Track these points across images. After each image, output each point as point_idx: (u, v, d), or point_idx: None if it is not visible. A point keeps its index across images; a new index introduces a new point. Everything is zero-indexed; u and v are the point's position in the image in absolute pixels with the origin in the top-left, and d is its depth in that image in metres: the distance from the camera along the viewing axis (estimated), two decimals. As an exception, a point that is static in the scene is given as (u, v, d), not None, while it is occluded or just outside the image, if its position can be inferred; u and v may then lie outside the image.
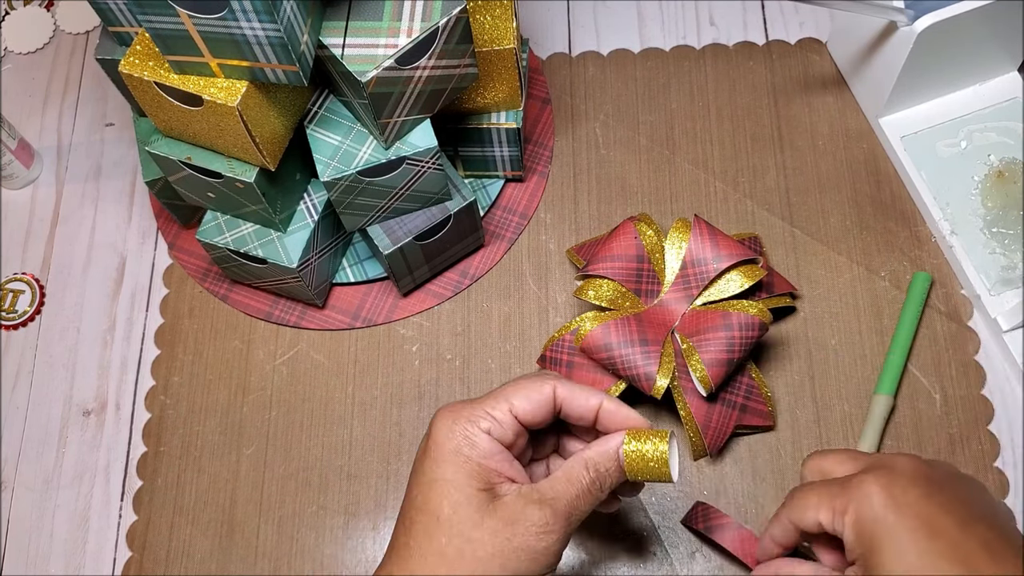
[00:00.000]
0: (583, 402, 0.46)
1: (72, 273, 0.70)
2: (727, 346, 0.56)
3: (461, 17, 0.52)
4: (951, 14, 0.60)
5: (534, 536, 0.43)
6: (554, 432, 0.51)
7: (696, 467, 0.61)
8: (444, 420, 0.45)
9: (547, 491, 0.44)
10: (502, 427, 0.45)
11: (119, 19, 0.55)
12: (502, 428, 0.45)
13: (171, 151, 0.56)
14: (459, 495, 0.43)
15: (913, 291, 0.64)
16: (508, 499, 0.43)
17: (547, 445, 0.51)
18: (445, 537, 0.43)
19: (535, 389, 0.46)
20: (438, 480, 0.44)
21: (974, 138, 0.68)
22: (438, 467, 0.44)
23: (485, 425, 0.44)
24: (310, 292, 0.64)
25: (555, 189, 0.70)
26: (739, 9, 0.76)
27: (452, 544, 0.43)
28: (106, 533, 0.63)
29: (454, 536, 0.43)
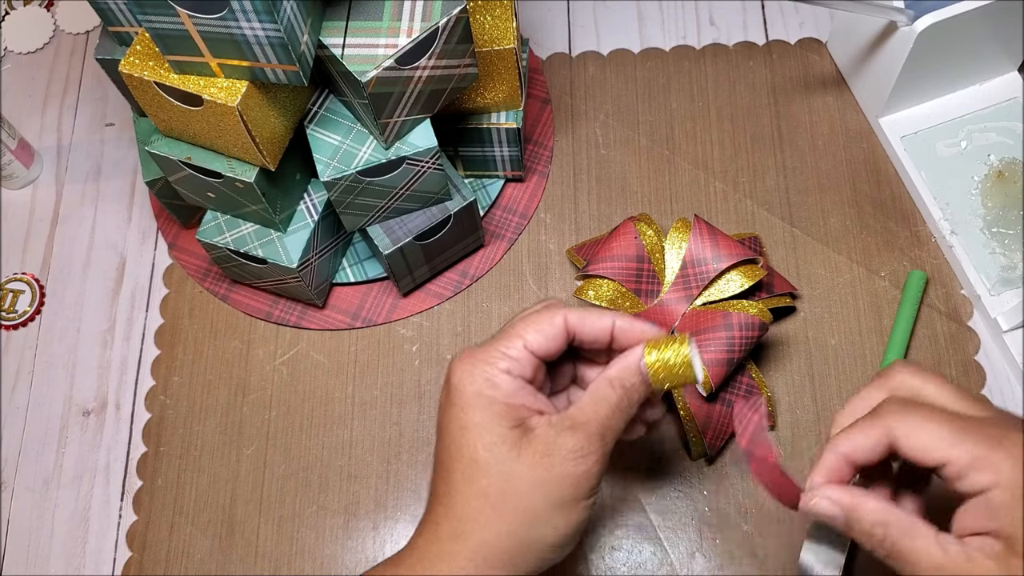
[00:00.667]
0: (596, 325, 0.46)
1: (72, 273, 0.70)
2: (727, 346, 0.56)
3: (461, 17, 0.52)
4: (951, 14, 0.60)
5: (571, 462, 0.42)
6: (570, 362, 0.50)
7: (696, 467, 0.61)
8: (462, 366, 0.44)
9: (577, 416, 0.44)
10: (520, 364, 0.44)
11: (119, 19, 0.55)
12: (520, 365, 0.44)
13: (171, 151, 0.56)
14: (491, 436, 0.43)
15: (909, 290, 0.64)
16: (540, 431, 0.43)
17: (564, 376, 0.50)
18: (485, 479, 0.43)
19: (546, 321, 0.45)
20: (467, 426, 0.43)
21: (974, 138, 0.68)
22: (464, 413, 0.44)
23: (503, 365, 0.44)
24: (310, 292, 0.64)
25: (555, 189, 0.70)
26: (739, 9, 0.76)
27: (493, 484, 0.42)
28: (106, 533, 0.63)
29: (494, 476, 0.42)
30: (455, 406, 0.44)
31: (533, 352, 0.45)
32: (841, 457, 0.43)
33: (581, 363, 0.50)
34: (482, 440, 0.43)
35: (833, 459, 0.43)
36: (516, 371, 0.44)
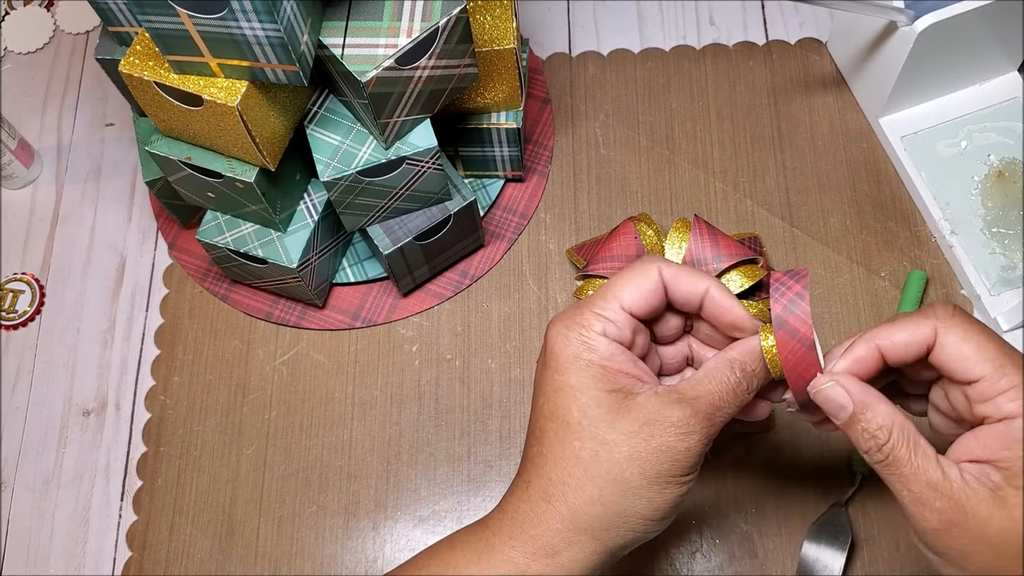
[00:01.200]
0: (688, 286, 0.43)
1: (72, 273, 0.70)
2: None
3: (461, 17, 0.52)
4: (951, 14, 0.60)
5: (673, 436, 0.40)
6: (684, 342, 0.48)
7: (696, 467, 0.61)
8: (557, 329, 0.43)
9: (688, 390, 0.42)
10: (617, 326, 0.42)
11: (119, 19, 0.55)
12: (617, 327, 0.42)
13: (171, 151, 0.56)
14: (586, 398, 0.41)
15: (908, 290, 0.64)
16: (643, 399, 0.41)
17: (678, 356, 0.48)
18: (578, 441, 0.41)
19: (641, 276, 0.43)
20: (562, 387, 0.42)
21: (974, 138, 0.68)
22: (560, 375, 0.42)
23: (599, 327, 0.42)
24: (310, 292, 0.64)
25: (555, 189, 0.70)
26: (739, 9, 0.76)
27: (586, 447, 0.41)
28: (106, 533, 0.63)
29: (587, 439, 0.41)
30: (549, 368, 0.42)
31: (630, 311, 0.43)
32: (875, 349, 0.41)
33: (697, 343, 0.48)
34: (576, 402, 0.41)
35: (865, 350, 0.41)
36: (613, 333, 0.42)
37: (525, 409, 0.64)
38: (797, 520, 0.59)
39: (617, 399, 0.41)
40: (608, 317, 0.42)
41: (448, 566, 0.42)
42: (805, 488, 0.60)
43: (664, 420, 0.40)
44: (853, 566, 0.58)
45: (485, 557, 0.42)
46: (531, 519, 0.42)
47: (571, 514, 0.41)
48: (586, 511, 0.41)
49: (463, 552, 0.43)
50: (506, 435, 0.63)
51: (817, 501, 0.60)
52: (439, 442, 0.63)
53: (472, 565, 0.42)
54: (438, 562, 0.43)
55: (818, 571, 0.57)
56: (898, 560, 0.58)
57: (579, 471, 0.41)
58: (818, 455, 0.61)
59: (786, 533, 0.59)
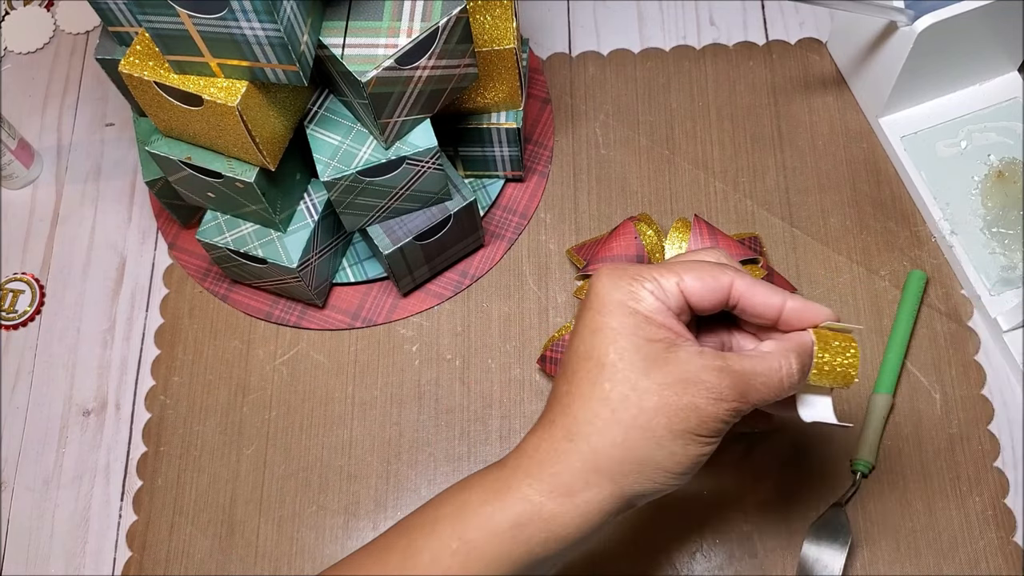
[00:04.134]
0: (765, 301, 0.43)
1: (72, 273, 0.70)
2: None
3: (461, 17, 0.52)
4: (951, 14, 0.60)
5: (705, 399, 0.40)
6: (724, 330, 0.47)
7: (696, 467, 0.61)
8: (607, 275, 0.42)
9: (733, 362, 0.41)
10: (668, 296, 0.42)
11: (119, 19, 0.55)
12: (666, 296, 0.42)
13: (171, 151, 0.56)
14: (625, 342, 0.41)
15: (908, 289, 0.64)
16: (684, 355, 0.41)
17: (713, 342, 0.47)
18: (609, 383, 0.41)
19: (712, 275, 0.42)
20: (601, 328, 0.41)
21: (974, 138, 0.68)
22: (602, 316, 0.41)
23: (650, 286, 0.42)
24: (310, 292, 0.64)
25: (555, 189, 0.70)
26: (739, 9, 0.76)
27: (616, 389, 0.40)
28: (106, 533, 0.63)
29: (618, 382, 0.40)
30: (592, 309, 0.42)
31: (686, 294, 0.42)
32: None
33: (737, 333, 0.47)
34: (615, 344, 0.41)
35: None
36: (660, 297, 0.42)
37: (525, 409, 0.64)
38: (797, 520, 0.59)
39: (657, 349, 0.41)
40: (662, 284, 0.42)
41: (463, 507, 0.42)
42: (805, 488, 0.60)
43: (701, 382, 0.40)
44: (853, 566, 0.58)
45: (500, 496, 0.41)
46: (551, 457, 0.41)
47: (593, 455, 0.40)
48: (608, 453, 0.40)
49: (478, 491, 0.42)
50: (506, 435, 0.63)
51: (817, 501, 0.60)
52: (439, 442, 0.63)
53: (486, 504, 0.41)
54: (451, 503, 0.43)
55: (818, 571, 0.57)
56: (898, 560, 0.58)
57: (606, 412, 0.40)
58: (818, 455, 0.61)
59: (786, 533, 0.59)
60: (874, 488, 0.60)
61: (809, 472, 0.61)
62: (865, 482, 0.60)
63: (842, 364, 0.44)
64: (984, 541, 0.58)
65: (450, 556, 0.41)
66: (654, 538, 0.60)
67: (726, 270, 0.43)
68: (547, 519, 0.41)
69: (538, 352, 0.65)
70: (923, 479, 0.60)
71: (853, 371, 0.44)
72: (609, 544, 0.60)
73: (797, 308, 0.43)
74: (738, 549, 0.59)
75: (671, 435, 0.40)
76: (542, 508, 0.41)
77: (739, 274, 0.43)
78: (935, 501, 0.60)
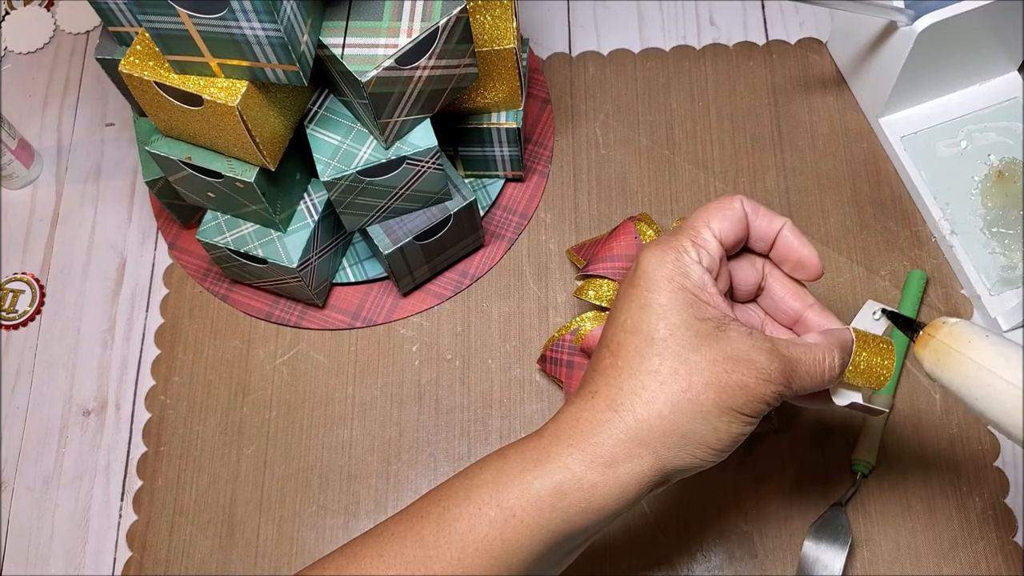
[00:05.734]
0: (765, 222, 0.46)
1: (72, 273, 0.70)
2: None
3: (461, 17, 0.52)
4: (951, 14, 0.60)
5: (754, 379, 0.41)
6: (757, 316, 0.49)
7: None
8: (653, 252, 0.43)
9: (781, 348, 0.42)
10: (710, 253, 0.43)
11: (119, 19, 0.55)
12: (710, 255, 0.43)
13: (171, 151, 0.56)
14: (676, 319, 0.41)
15: (908, 289, 0.64)
16: (735, 335, 0.42)
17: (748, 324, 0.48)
18: (659, 357, 0.41)
19: (727, 206, 0.45)
20: (650, 304, 0.42)
21: (974, 138, 0.68)
22: (650, 293, 0.42)
23: (694, 254, 0.43)
24: (310, 292, 0.64)
25: (555, 189, 0.70)
26: (739, 9, 0.76)
27: (667, 363, 0.41)
28: (106, 533, 0.63)
29: (669, 357, 0.41)
30: (639, 286, 0.43)
31: (719, 239, 0.44)
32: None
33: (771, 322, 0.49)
34: (666, 320, 0.41)
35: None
36: (706, 261, 0.43)
37: (525, 409, 0.64)
38: (797, 520, 0.59)
39: (708, 327, 0.42)
40: (702, 244, 0.43)
41: (500, 473, 0.42)
42: (805, 488, 0.60)
43: (751, 361, 0.41)
44: (853, 566, 0.58)
45: (540, 464, 0.41)
46: (593, 427, 0.41)
47: (637, 425, 0.41)
48: (652, 424, 0.41)
49: (516, 460, 0.42)
50: (506, 435, 0.63)
51: (817, 501, 0.60)
52: (439, 442, 0.63)
53: (526, 472, 0.41)
54: (488, 471, 0.42)
55: (818, 571, 0.57)
56: (898, 560, 0.58)
57: (654, 385, 0.41)
58: (818, 455, 0.61)
59: (786, 533, 0.59)
60: (874, 488, 0.60)
61: (809, 472, 0.61)
62: (865, 482, 0.60)
63: (879, 364, 0.45)
64: (984, 541, 0.59)
65: (488, 524, 0.41)
66: (654, 538, 0.60)
67: (733, 196, 0.45)
68: (587, 489, 0.41)
69: (538, 352, 0.65)
70: (923, 479, 0.60)
71: (887, 372, 0.45)
72: (609, 544, 0.60)
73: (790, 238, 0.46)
74: (738, 549, 0.59)
75: (718, 411, 0.41)
76: (583, 478, 0.41)
77: (743, 196, 0.46)
78: (935, 501, 0.60)
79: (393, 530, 0.43)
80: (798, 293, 0.48)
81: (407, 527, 0.42)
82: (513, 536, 0.41)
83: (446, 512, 0.42)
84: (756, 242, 0.46)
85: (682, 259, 0.43)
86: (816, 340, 0.44)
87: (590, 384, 0.43)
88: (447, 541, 0.41)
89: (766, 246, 0.47)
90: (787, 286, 0.48)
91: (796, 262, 0.46)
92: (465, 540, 0.41)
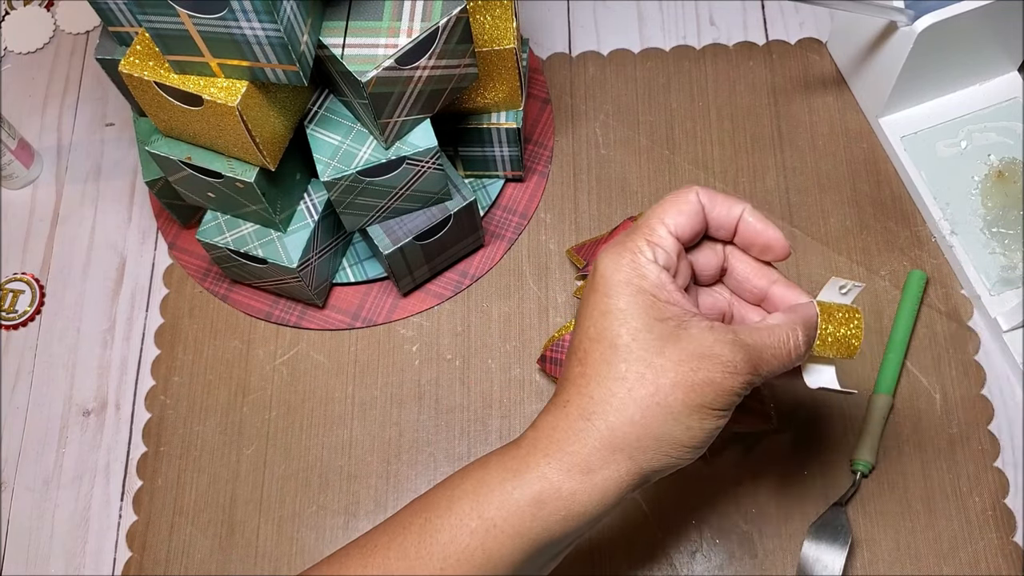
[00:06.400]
0: (724, 210, 0.45)
1: (72, 273, 0.70)
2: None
3: (461, 17, 0.52)
4: (951, 14, 0.60)
5: (720, 373, 0.41)
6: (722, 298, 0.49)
7: (695, 467, 0.61)
8: (608, 256, 0.43)
9: (744, 336, 0.42)
10: (666, 251, 0.43)
11: (119, 19, 0.55)
12: (666, 252, 0.43)
13: (171, 151, 0.56)
14: (637, 323, 0.41)
15: (908, 289, 0.64)
16: (696, 331, 0.42)
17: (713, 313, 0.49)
18: (624, 364, 0.41)
19: (682, 200, 0.44)
20: (610, 310, 0.42)
21: (974, 138, 0.68)
22: (608, 299, 0.42)
23: (650, 254, 0.43)
24: (310, 292, 0.64)
25: (555, 189, 0.70)
26: (739, 9, 0.76)
27: (632, 369, 0.41)
28: (106, 533, 0.63)
29: (634, 362, 0.41)
30: (598, 292, 0.43)
31: (675, 235, 0.44)
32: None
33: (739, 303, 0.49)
34: (627, 325, 0.42)
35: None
36: (662, 259, 0.43)
37: (525, 409, 0.64)
38: (797, 520, 0.59)
39: (668, 327, 0.42)
40: (656, 242, 0.43)
41: (481, 484, 0.42)
42: (805, 488, 0.60)
43: (715, 356, 0.41)
44: (853, 566, 0.58)
45: (519, 474, 0.42)
46: (568, 437, 0.41)
47: (610, 433, 0.41)
48: (626, 431, 0.41)
49: (496, 470, 0.42)
50: (506, 435, 0.63)
51: (817, 501, 0.60)
52: (439, 442, 0.63)
53: (506, 482, 0.42)
54: (471, 480, 0.43)
55: (818, 571, 0.57)
56: (898, 560, 0.58)
57: (623, 391, 0.41)
58: (818, 455, 0.61)
59: (786, 533, 0.59)
60: (874, 488, 0.60)
61: (809, 472, 0.61)
62: (865, 482, 0.60)
63: (845, 335, 0.45)
64: (984, 541, 0.58)
65: (469, 535, 0.41)
66: (654, 538, 0.60)
67: (688, 189, 0.45)
68: (566, 497, 0.41)
69: (538, 352, 0.65)
70: (923, 479, 0.60)
71: (856, 341, 0.45)
72: (609, 544, 0.60)
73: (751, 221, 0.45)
74: (738, 549, 0.59)
75: (688, 410, 0.41)
76: (561, 486, 0.41)
77: (700, 188, 0.45)
78: (935, 501, 0.60)
79: (376, 541, 0.43)
80: (762, 271, 0.47)
81: (390, 538, 0.43)
82: (494, 546, 0.41)
83: (428, 523, 0.42)
84: (718, 231, 0.46)
85: (638, 260, 0.43)
86: (778, 321, 0.44)
87: (563, 393, 0.43)
88: (429, 552, 0.42)
89: (728, 233, 0.46)
90: (750, 265, 0.47)
91: (763, 246, 0.46)
92: (447, 551, 0.41)
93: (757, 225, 0.45)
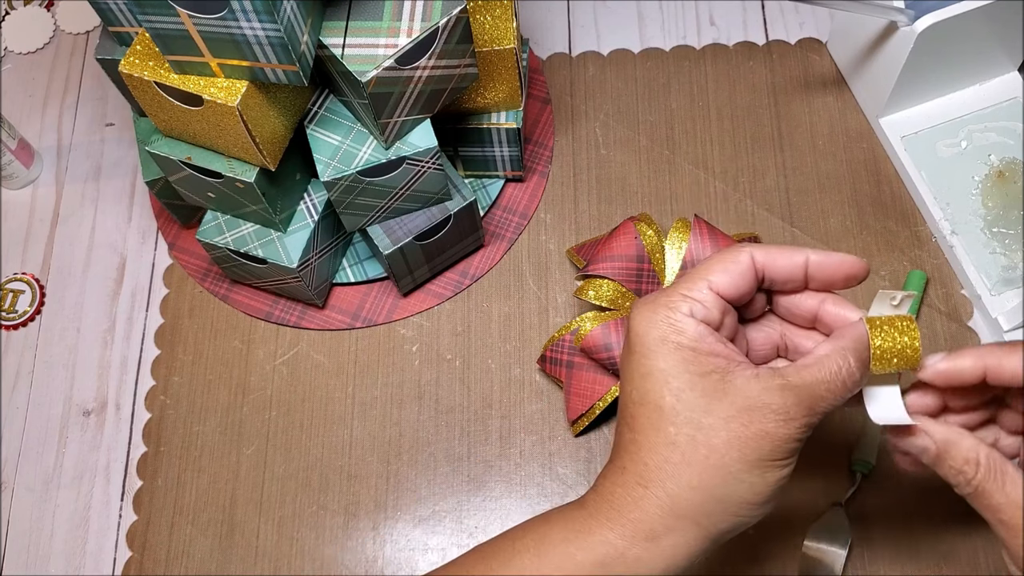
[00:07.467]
0: (786, 262, 0.42)
1: (72, 273, 0.70)
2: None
3: (461, 17, 0.52)
4: (951, 14, 0.60)
5: (773, 423, 0.39)
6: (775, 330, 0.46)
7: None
8: (642, 312, 0.41)
9: (792, 377, 0.40)
10: (705, 307, 0.41)
11: (119, 19, 0.55)
12: (705, 308, 0.41)
13: (171, 151, 0.56)
14: (678, 382, 0.39)
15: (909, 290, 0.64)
16: (740, 382, 0.39)
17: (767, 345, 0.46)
18: (673, 427, 0.39)
19: (731, 260, 0.42)
20: (651, 372, 0.40)
21: (974, 138, 0.68)
22: (647, 359, 0.40)
23: (686, 308, 0.40)
24: (310, 292, 0.64)
25: (555, 189, 0.70)
26: (739, 9, 0.76)
27: (682, 432, 0.39)
28: (106, 533, 0.63)
29: (682, 424, 0.39)
30: (635, 353, 0.41)
31: (719, 293, 0.41)
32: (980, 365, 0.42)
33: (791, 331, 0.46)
34: (668, 386, 0.40)
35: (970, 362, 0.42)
36: (700, 314, 0.41)
37: (525, 409, 0.64)
38: (797, 520, 0.59)
39: (712, 382, 0.40)
40: (695, 297, 0.41)
41: (543, 540, 0.41)
42: (805, 488, 0.60)
43: (764, 406, 0.39)
44: (853, 566, 0.58)
45: (583, 536, 0.41)
46: (628, 504, 0.40)
47: (670, 500, 0.40)
48: (685, 497, 0.39)
49: (559, 528, 0.42)
50: (506, 435, 0.63)
51: (817, 501, 0.60)
52: (439, 442, 0.63)
53: (568, 543, 0.41)
54: (533, 535, 0.42)
55: (818, 571, 0.57)
56: (898, 560, 0.58)
57: (676, 457, 0.39)
58: (818, 455, 0.61)
59: (786, 533, 0.59)
60: (874, 488, 0.60)
61: (809, 472, 0.61)
62: (865, 482, 0.60)
63: (901, 345, 0.41)
64: (984, 541, 0.58)
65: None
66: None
67: (741, 248, 0.42)
68: (631, 562, 0.40)
69: (538, 352, 0.65)
70: (923, 479, 0.60)
71: (913, 352, 0.42)
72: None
73: (821, 261, 0.42)
74: (738, 549, 0.59)
75: (747, 467, 0.39)
76: (626, 552, 0.40)
77: (753, 246, 0.43)
78: (935, 501, 0.60)
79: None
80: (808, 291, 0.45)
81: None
82: None
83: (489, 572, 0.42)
84: (785, 284, 0.43)
85: (673, 316, 0.41)
86: (826, 351, 0.41)
87: (617, 459, 0.42)
88: None
89: (799, 284, 0.43)
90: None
91: (845, 277, 0.43)
92: None
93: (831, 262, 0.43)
